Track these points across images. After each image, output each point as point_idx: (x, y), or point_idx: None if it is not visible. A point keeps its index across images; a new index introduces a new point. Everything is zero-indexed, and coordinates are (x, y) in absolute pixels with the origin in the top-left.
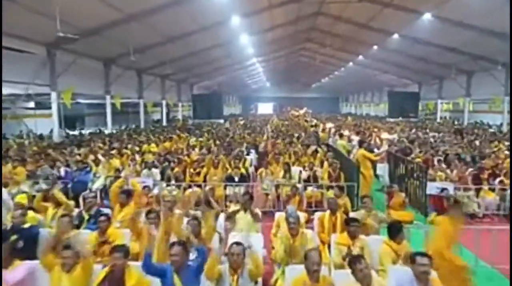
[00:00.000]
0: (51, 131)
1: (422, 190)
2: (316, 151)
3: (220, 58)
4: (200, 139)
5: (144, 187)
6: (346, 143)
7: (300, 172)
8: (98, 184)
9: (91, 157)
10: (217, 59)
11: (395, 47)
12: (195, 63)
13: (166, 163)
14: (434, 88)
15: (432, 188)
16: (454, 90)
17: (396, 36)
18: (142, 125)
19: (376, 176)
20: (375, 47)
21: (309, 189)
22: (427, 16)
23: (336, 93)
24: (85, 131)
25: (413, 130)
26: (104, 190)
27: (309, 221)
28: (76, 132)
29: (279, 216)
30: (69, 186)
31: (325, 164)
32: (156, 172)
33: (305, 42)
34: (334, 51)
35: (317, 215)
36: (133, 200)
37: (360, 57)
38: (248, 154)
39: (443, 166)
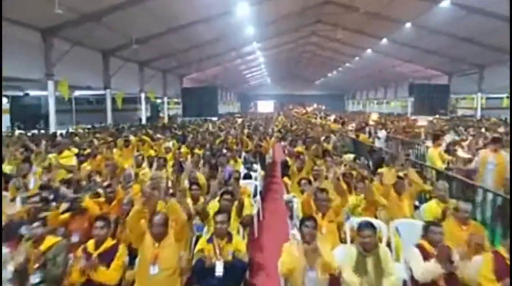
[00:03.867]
0: None
1: None
2: (399, 178)
3: (213, 41)
4: (168, 145)
5: None
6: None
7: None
8: None
9: None
10: (209, 43)
11: (436, 24)
12: (181, 47)
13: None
14: (471, 79)
15: None
16: (497, 82)
17: (445, 4)
18: (109, 122)
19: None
20: (408, 24)
21: None
22: None
23: (341, 91)
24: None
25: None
26: None
27: None
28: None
29: None
30: None
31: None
32: None
33: (315, 23)
34: (351, 34)
35: None
36: None
37: (384, 40)
38: (248, 176)
39: None
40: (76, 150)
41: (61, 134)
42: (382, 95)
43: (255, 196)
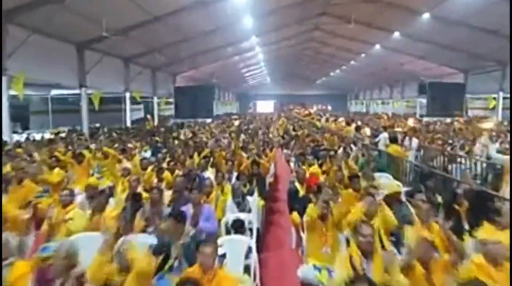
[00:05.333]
0: None
1: None
2: None
3: (207, 34)
4: (126, 165)
5: None
6: None
7: None
8: None
9: None
10: (202, 36)
11: (458, 14)
12: (170, 40)
13: None
14: (490, 77)
15: None
16: None
17: None
18: (85, 127)
19: None
20: (426, 15)
21: None
22: None
23: (344, 90)
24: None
25: None
26: None
27: None
28: None
29: None
30: None
31: None
32: None
33: (320, 16)
34: (359, 27)
35: None
36: None
37: (396, 34)
38: (238, 224)
39: None
40: (9, 168)
41: (16, 143)
42: (387, 95)
43: (248, 255)
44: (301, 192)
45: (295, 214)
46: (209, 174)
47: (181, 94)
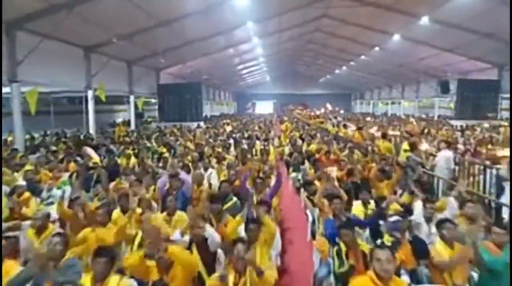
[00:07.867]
0: None
1: None
2: None
3: (190, 18)
4: None
5: None
6: None
7: None
8: None
9: None
10: (184, 20)
11: None
12: (144, 24)
13: None
14: None
15: None
16: None
17: None
18: (18, 137)
19: None
20: None
21: None
22: None
23: (348, 89)
24: None
25: None
26: None
27: None
28: None
29: None
30: None
31: None
32: None
33: None
34: (375, 11)
35: None
36: None
37: (424, 20)
38: None
39: None
40: None
41: None
42: (399, 94)
43: None
44: None
45: None
46: None
47: (165, 93)
